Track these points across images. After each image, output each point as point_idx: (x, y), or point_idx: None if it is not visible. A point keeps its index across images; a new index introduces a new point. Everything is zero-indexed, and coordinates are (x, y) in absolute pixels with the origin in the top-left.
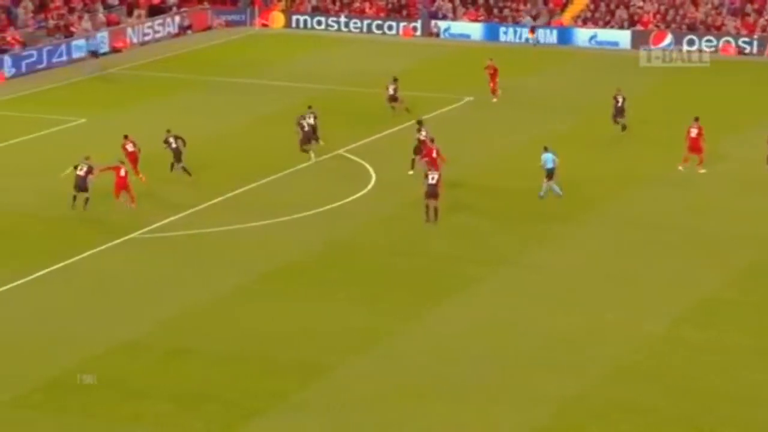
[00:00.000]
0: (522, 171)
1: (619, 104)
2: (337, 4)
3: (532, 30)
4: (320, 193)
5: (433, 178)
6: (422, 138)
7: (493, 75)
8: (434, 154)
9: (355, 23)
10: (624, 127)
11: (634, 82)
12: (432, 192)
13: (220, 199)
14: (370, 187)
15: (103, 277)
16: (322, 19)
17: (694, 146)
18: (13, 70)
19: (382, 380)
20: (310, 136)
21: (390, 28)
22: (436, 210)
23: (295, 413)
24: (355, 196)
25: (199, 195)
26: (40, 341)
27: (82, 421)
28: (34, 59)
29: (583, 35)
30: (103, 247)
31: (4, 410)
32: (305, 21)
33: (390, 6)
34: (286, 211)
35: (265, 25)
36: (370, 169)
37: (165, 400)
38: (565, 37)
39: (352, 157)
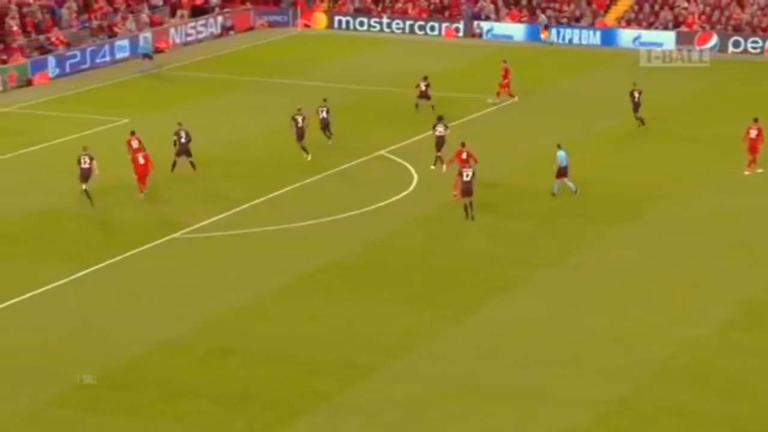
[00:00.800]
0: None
1: (636, 99)
2: (380, 5)
3: (546, 28)
4: (362, 193)
5: (467, 176)
6: (439, 134)
7: (505, 76)
8: (464, 156)
9: (398, 24)
10: (642, 122)
11: (679, 84)
12: (467, 189)
13: (262, 199)
14: (412, 187)
15: (146, 276)
16: (365, 19)
17: (753, 147)
18: (57, 71)
19: (423, 381)
20: (303, 133)
21: (432, 28)
22: (471, 205)
23: (336, 414)
24: (396, 197)
25: (241, 195)
26: (84, 340)
27: (125, 420)
28: (77, 60)
29: (626, 36)
30: (146, 247)
31: (49, 409)
32: (347, 22)
33: (432, 7)
34: (328, 211)
35: (307, 26)
36: (412, 170)
37: (208, 400)
38: (608, 38)
39: (394, 157)
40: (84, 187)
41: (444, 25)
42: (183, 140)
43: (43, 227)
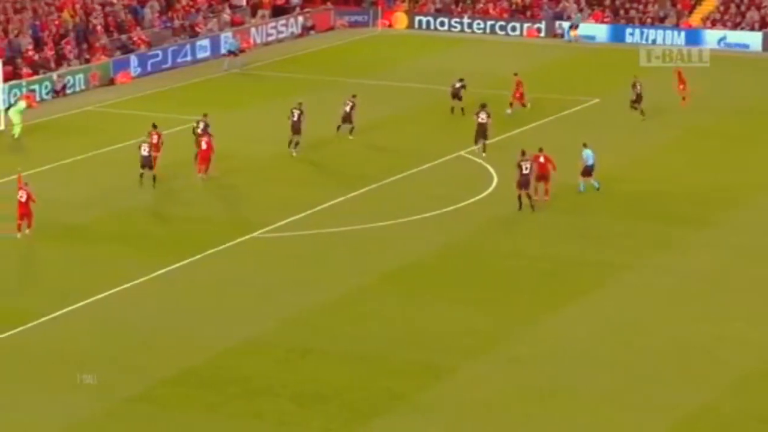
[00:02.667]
0: (648, 174)
1: (638, 92)
2: (461, 5)
3: (575, 27)
4: (441, 194)
5: (526, 168)
6: (481, 121)
7: (518, 86)
8: (541, 159)
9: (479, 24)
10: (643, 113)
11: (765, 84)
12: (524, 182)
13: (341, 199)
14: (491, 188)
15: (225, 275)
16: (445, 20)
17: None
18: (139, 70)
19: (502, 383)
20: (297, 127)
21: (514, 29)
22: (529, 197)
23: (414, 415)
24: (476, 198)
25: (320, 195)
26: (164, 338)
27: (205, 417)
28: (159, 59)
29: (711, 37)
30: (225, 246)
31: (129, 405)
32: (428, 22)
33: (514, 7)
34: (406, 211)
35: (387, 26)
36: (492, 171)
37: (286, 399)
38: (693, 38)
39: (474, 158)
40: (141, 172)
41: (525, 25)
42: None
43: (124, 226)
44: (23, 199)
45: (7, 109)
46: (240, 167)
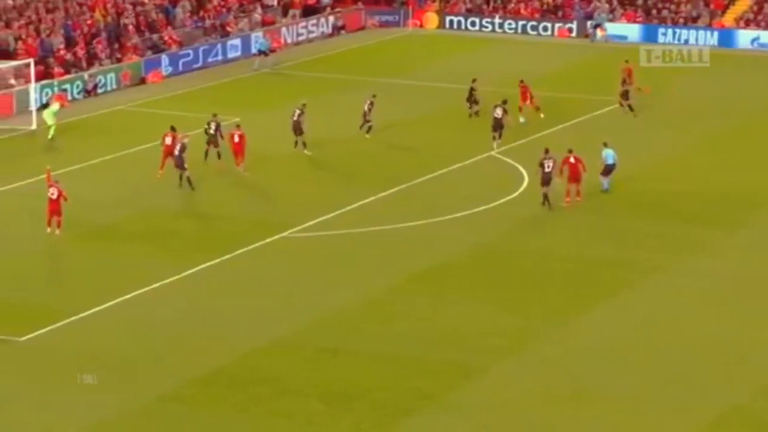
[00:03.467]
0: (678, 174)
1: (627, 87)
2: (490, 4)
3: (601, 27)
4: (472, 194)
5: (548, 166)
6: (497, 116)
7: (524, 93)
8: (572, 160)
9: (510, 24)
10: (631, 108)
11: None
12: (547, 180)
13: (371, 198)
14: (522, 189)
15: (255, 275)
16: (476, 19)
17: None
18: (170, 69)
19: (531, 384)
20: (298, 127)
21: (545, 29)
22: (545, 196)
23: (444, 414)
24: (507, 198)
25: (350, 195)
26: (194, 337)
27: (235, 416)
28: (190, 58)
29: (744, 37)
30: (255, 246)
31: (159, 404)
32: (459, 22)
33: (545, 7)
34: (437, 212)
35: (418, 26)
36: (523, 171)
37: (316, 399)
38: (726, 39)
39: (505, 158)
40: (179, 173)
41: (557, 25)
42: (211, 131)
43: (154, 225)
44: (54, 196)
45: (40, 109)
46: (270, 167)
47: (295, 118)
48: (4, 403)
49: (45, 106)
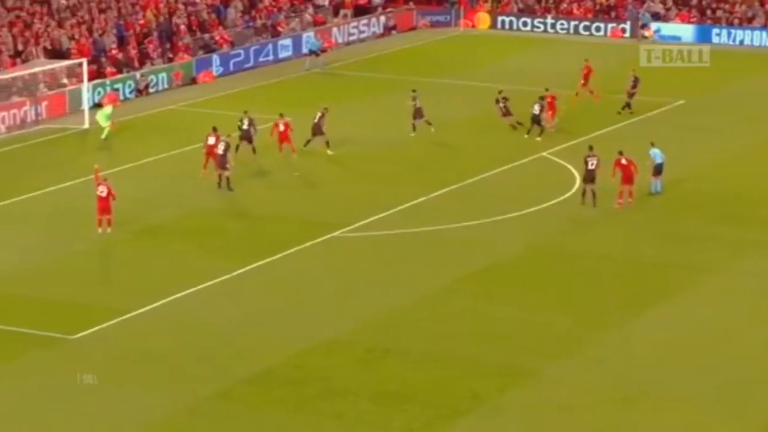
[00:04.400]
0: (732, 176)
1: (633, 85)
2: (544, 4)
3: (645, 26)
4: (523, 195)
5: (592, 164)
6: (534, 113)
7: (551, 104)
8: (623, 162)
9: (562, 24)
10: (629, 106)
11: None
12: (590, 176)
13: (423, 198)
14: (573, 190)
15: (305, 274)
16: (528, 20)
17: None
18: (221, 69)
19: (584, 386)
20: (318, 129)
21: (598, 29)
22: (593, 193)
23: (495, 416)
24: (558, 199)
25: (401, 194)
26: (245, 336)
27: (284, 416)
28: (241, 58)
29: None
30: (306, 245)
31: (208, 403)
32: (511, 22)
33: (598, 7)
34: (488, 212)
35: (470, 26)
36: (574, 172)
37: (366, 399)
38: None
39: (556, 159)
40: (218, 172)
41: (610, 25)
42: (244, 127)
43: (205, 224)
44: (103, 195)
45: (93, 109)
46: (321, 166)
47: (315, 121)
48: (55, 400)
49: (98, 106)
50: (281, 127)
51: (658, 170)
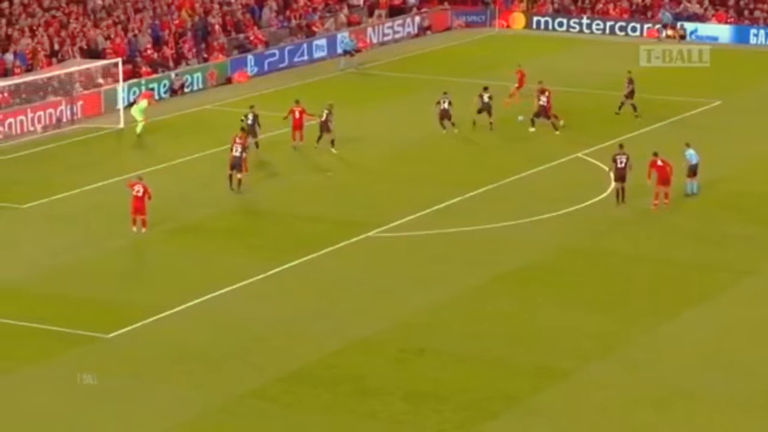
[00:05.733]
0: None
1: (632, 87)
2: (579, 4)
3: (667, 27)
4: (558, 195)
5: (621, 162)
6: (542, 104)
7: (548, 102)
8: (659, 163)
9: (598, 25)
10: (622, 106)
11: None
12: (619, 175)
13: (457, 199)
14: (608, 191)
15: (340, 274)
16: (564, 20)
17: None
18: (256, 69)
19: (619, 388)
20: (326, 126)
21: (634, 29)
22: (623, 192)
23: (529, 418)
24: (594, 200)
25: (436, 195)
26: (279, 335)
27: (319, 416)
28: (276, 58)
29: None
30: (340, 245)
31: (244, 401)
32: (546, 22)
33: (634, 7)
34: (523, 213)
35: (505, 26)
36: (610, 173)
37: (399, 399)
38: None
39: (591, 160)
40: (229, 173)
41: (646, 26)
42: (249, 122)
43: (239, 223)
44: (139, 194)
45: (128, 107)
46: (355, 167)
47: (323, 118)
48: (90, 399)
49: (133, 104)
50: (297, 114)
51: (693, 171)
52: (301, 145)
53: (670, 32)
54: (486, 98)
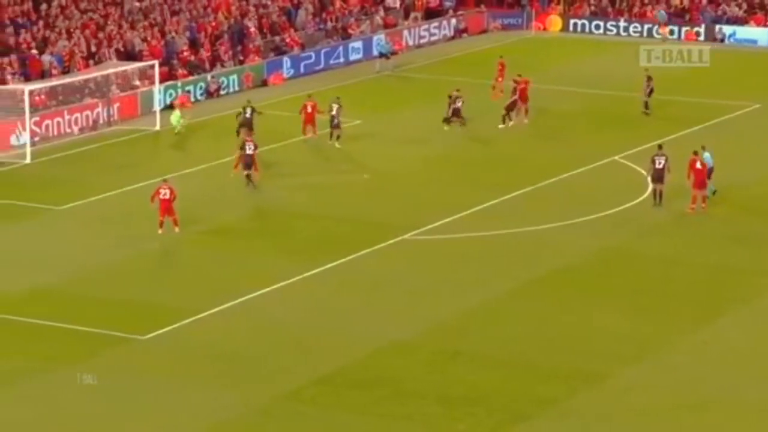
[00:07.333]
0: None
1: (652, 86)
2: (617, 7)
3: (662, 24)
4: (595, 198)
5: (659, 164)
6: (514, 98)
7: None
8: (698, 165)
9: (635, 27)
10: (647, 106)
11: None
12: (657, 176)
13: (493, 202)
14: (646, 194)
15: (376, 276)
16: (601, 23)
17: None
18: (292, 71)
19: (655, 392)
20: (336, 122)
21: (671, 32)
22: (661, 193)
23: (563, 421)
24: (630, 203)
25: (472, 198)
26: (315, 337)
27: (354, 417)
28: (311, 61)
29: None
30: (376, 247)
31: (280, 404)
32: (583, 25)
33: (672, 10)
34: (559, 216)
35: (541, 29)
36: (648, 177)
37: (435, 401)
38: None
39: (628, 163)
40: (246, 173)
41: (684, 29)
42: (247, 116)
43: (275, 225)
44: (166, 197)
45: (164, 110)
46: (391, 169)
47: (333, 113)
48: (127, 401)
49: (169, 107)
50: (309, 109)
51: (709, 173)
52: (314, 139)
53: (663, 30)
54: (458, 103)
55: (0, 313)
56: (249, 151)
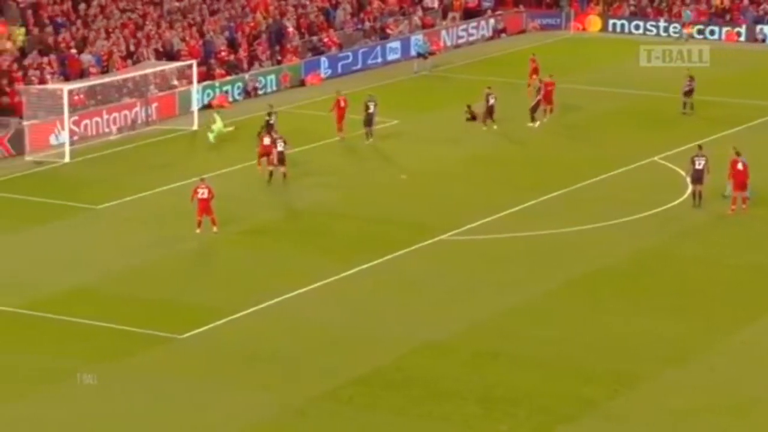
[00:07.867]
0: None
1: (690, 86)
2: (656, 7)
3: (688, 25)
4: (634, 199)
5: (699, 164)
6: (539, 99)
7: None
8: (739, 166)
9: (675, 28)
10: (685, 105)
11: None
12: (697, 176)
13: (531, 202)
14: (685, 195)
15: (413, 277)
16: (640, 23)
17: None
18: (329, 71)
19: (696, 394)
20: (371, 120)
21: (712, 33)
22: (700, 194)
23: (605, 422)
24: (670, 204)
25: (509, 198)
26: (352, 338)
27: (392, 418)
28: (349, 61)
29: None
30: (413, 248)
31: (317, 404)
32: (622, 25)
33: (713, 10)
34: (598, 217)
35: (580, 29)
36: (687, 178)
37: (473, 402)
38: None
39: (668, 164)
40: (283, 171)
41: (725, 29)
42: (270, 121)
43: (311, 225)
44: (204, 196)
45: (202, 109)
46: (429, 169)
47: (370, 110)
48: (165, 400)
49: (207, 107)
50: (342, 103)
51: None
52: (344, 138)
53: (687, 30)
54: (492, 100)
55: (39, 312)
56: (280, 148)
